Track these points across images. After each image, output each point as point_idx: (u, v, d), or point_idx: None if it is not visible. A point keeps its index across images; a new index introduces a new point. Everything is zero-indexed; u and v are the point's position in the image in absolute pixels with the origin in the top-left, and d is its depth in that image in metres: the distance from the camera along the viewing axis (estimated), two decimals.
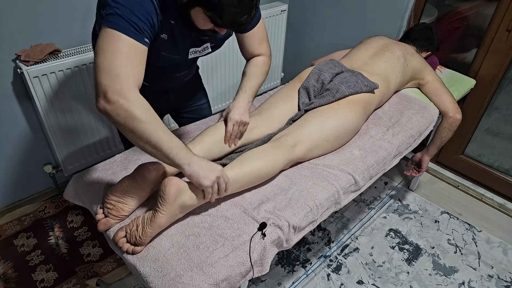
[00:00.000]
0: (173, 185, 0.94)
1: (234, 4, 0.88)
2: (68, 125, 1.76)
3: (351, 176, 1.24)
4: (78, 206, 1.87)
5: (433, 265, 1.75)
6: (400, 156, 1.46)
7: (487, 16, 1.84)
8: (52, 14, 1.60)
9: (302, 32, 2.53)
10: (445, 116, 1.63)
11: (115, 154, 1.31)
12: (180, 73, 1.29)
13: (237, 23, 0.94)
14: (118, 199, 1.02)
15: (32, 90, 1.58)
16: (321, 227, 1.89)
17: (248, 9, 0.92)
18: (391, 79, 1.57)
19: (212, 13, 0.91)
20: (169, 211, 0.95)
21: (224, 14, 0.90)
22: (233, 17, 0.92)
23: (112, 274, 1.62)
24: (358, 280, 1.66)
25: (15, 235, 1.76)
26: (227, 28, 0.99)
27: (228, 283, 0.94)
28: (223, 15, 0.91)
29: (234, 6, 0.89)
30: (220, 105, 2.44)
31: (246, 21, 0.95)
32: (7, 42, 1.54)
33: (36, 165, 1.87)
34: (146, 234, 0.94)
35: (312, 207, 1.12)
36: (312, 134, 1.25)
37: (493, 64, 1.88)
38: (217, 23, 0.95)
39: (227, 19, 0.92)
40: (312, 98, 1.42)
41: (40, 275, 1.60)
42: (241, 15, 0.92)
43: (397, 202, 2.07)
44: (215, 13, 0.91)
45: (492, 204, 2.08)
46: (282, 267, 1.69)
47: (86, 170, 1.21)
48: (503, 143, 2.03)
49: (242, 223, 1.04)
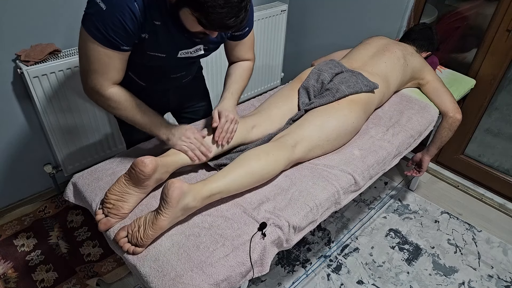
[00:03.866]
0: (176, 189, 0.93)
1: (221, 5, 0.87)
2: (68, 125, 1.76)
3: (351, 176, 1.24)
4: (78, 206, 1.87)
5: (433, 265, 1.75)
6: (400, 156, 1.46)
7: (487, 16, 1.84)
8: (52, 14, 1.60)
9: (302, 32, 2.53)
10: (445, 116, 1.63)
11: (115, 154, 1.31)
12: (176, 74, 1.28)
13: (224, 25, 0.93)
14: (117, 197, 1.02)
15: (32, 90, 1.58)
16: (321, 227, 1.89)
17: (236, 11, 0.90)
18: (391, 79, 1.57)
19: (199, 14, 0.91)
20: (171, 214, 0.95)
21: (210, 15, 0.89)
22: (220, 18, 0.90)
23: (112, 274, 1.62)
24: (358, 280, 1.66)
25: (15, 235, 1.76)
26: (215, 30, 0.97)
27: (228, 283, 0.94)
28: (209, 16, 0.90)
29: (221, 7, 0.88)
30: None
31: (235, 24, 0.94)
32: (7, 42, 1.54)
33: (36, 165, 1.87)
34: (148, 236, 0.94)
35: (312, 207, 1.12)
36: (312, 134, 1.25)
37: (493, 64, 1.88)
38: (204, 25, 0.94)
39: (214, 21, 0.91)
40: (312, 98, 1.42)
41: (40, 275, 1.60)
42: (228, 17, 0.90)
43: (397, 202, 2.07)
44: (201, 14, 0.90)
45: (492, 204, 2.08)
46: (282, 267, 1.69)
47: (86, 170, 1.21)
48: (503, 143, 2.03)
49: (242, 223, 1.04)
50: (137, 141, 1.35)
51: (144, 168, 1.00)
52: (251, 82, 2.47)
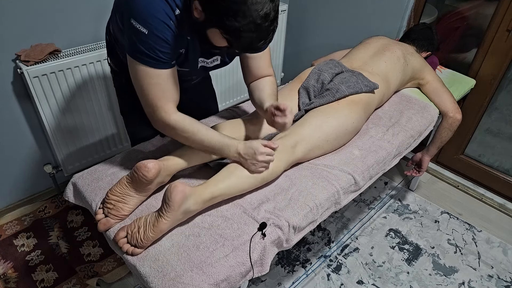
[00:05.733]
0: (179, 192, 0.94)
1: (252, 30, 0.88)
2: (68, 125, 1.76)
3: (351, 176, 1.24)
4: (78, 206, 1.87)
5: (433, 265, 1.75)
6: (400, 156, 1.46)
7: (487, 16, 1.84)
8: (52, 14, 1.60)
9: (302, 32, 2.53)
10: (445, 116, 1.63)
11: (115, 154, 1.31)
12: (187, 77, 1.29)
13: (253, 48, 0.95)
14: (118, 198, 1.02)
15: (32, 90, 1.58)
16: (321, 227, 1.89)
17: (265, 34, 0.92)
18: (391, 79, 1.57)
19: (229, 36, 0.91)
20: (173, 217, 0.95)
21: (241, 39, 0.90)
22: (250, 41, 0.91)
23: (112, 273, 1.62)
24: (358, 280, 1.66)
25: (15, 235, 1.76)
26: (243, 52, 1.01)
27: (228, 283, 0.94)
28: (239, 40, 0.91)
29: (252, 32, 0.88)
30: (227, 102, 2.43)
31: (263, 46, 0.96)
32: (7, 42, 1.54)
33: (36, 165, 1.87)
34: (148, 238, 0.94)
35: (312, 207, 1.12)
36: (312, 134, 1.25)
37: (493, 64, 1.88)
38: (233, 46, 0.95)
39: (243, 43, 0.92)
40: (312, 98, 1.42)
41: (40, 275, 1.60)
42: (258, 40, 0.92)
43: (397, 202, 2.07)
44: (231, 37, 0.91)
45: (492, 204, 2.08)
46: (282, 267, 1.69)
47: (86, 170, 1.21)
48: (503, 143, 2.03)
49: (242, 223, 1.04)
50: (141, 138, 1.35)
51: (147, 173, 1.00)
52: None
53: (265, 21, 0.87)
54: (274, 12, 0.89)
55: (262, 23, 0.87)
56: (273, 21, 0.90)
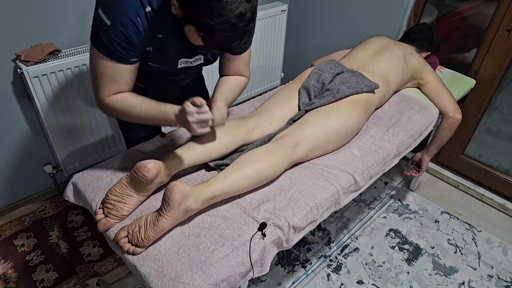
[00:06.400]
0: (179, 191, 0.93)
1: (226, 30, 0.87)
2: (68, 125, 1.76)
3: (351, 176, 1.24)
4: (78, 206, 1.87)
5: (433, 265, 1.75)
6: (400, 156, 1.46)
7: (487, 16, 1.84)
8: (52, 14, 1.60)
9: (302, 32, 2.53)
10: (445, 116, 1.63)
11: (115, 154, 1.31)
12: (175, 77, 1.28)
13: (228, 47, 0.93)
14: (118, 198, 1.02)
15: (32, 90, 1.58)
16: (321, 227, 1.89)
17: (240, 35, 0.91)
18: (391, 79, 1.57)
19: (204, 34, 0.91)
20: (173, 216, 0.95)
21: (215, 38, 0.90)
22: (224, 42, 0.91)
23: (112, 273, 1.62)
24: (358, 280, 1.66)
25: (15, 235, 1.76)
26: (218, 50, 0.99)
27: (228, 283, 0.94)
28: (214, 38, 0.90)
29: (226, 31, 0.88)
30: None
31: (238, 46, 0.94)
32: (7, 42, 1.54)
33: (36, 165, 1.87)
34: (149, 237, 0.94)
35: (312, 207, 1.12)
36: (312, 134, 1.25)
37: (493, 64, 1.88)
38: (208, 44, 0.94)
39: (218, 43, 0.91)
40: (312, 98, 1.42)
41: (40, 275, 1.60)
42: (233, 40, 0.91)
43: (397, 202, 2.07)
44: (206, 35, 0.91)
45: (492, 204, 2.08)
46: (282, 267, 1.69)
47: (86, 170, 1.21)
48: (503, 143, 2.03)
49: (242, 223, 1.04)
50: (137, 140, 1.35)
51: (147, 173, 1.00)
52: (251, 82, 2.47)
53: (240, 21, 0.87)
54: (250, 13, 0.88)
55: (237, 23, 0.86)
56: (249, 22, 0.89)
